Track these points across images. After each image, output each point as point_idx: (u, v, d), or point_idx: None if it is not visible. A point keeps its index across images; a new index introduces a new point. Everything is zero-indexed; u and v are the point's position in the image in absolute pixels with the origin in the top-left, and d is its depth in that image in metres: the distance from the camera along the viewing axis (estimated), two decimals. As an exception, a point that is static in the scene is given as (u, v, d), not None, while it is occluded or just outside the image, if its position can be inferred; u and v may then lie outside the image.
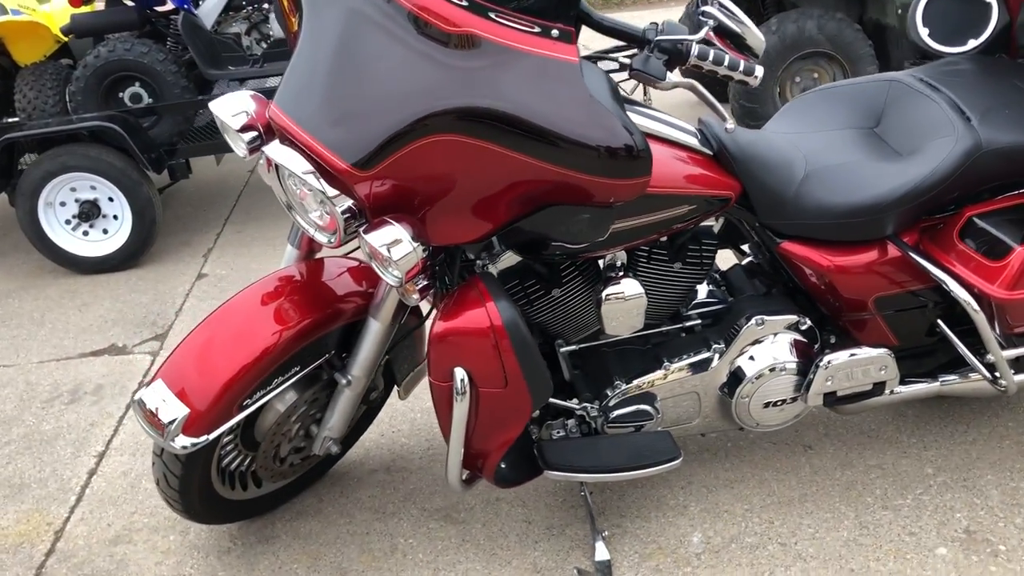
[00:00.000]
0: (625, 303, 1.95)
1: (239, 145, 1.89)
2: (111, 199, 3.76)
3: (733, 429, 2.20)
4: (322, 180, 1.62)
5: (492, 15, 1.58)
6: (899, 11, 3.93)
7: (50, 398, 2.96)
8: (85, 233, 3.81)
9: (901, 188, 1.94)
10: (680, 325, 2.15)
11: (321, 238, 1.76)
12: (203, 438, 1.84)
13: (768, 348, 2.07)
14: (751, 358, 2.07)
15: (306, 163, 1.63)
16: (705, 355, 2.08)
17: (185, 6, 3.90)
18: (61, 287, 3.76)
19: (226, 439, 2.03)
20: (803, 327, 2.10)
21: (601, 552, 2.08)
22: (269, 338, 1.88)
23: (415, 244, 1.62)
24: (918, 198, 1.94)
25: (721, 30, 1.62)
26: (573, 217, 1.71)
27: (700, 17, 1.64)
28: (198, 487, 2.02)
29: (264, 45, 4.10)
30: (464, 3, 1.59)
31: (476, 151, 1.60)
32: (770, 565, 2.04)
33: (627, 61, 1.68)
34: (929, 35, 2.26)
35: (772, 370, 2.06)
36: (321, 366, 2.03)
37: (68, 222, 3.78)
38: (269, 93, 1.85)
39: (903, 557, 2.03)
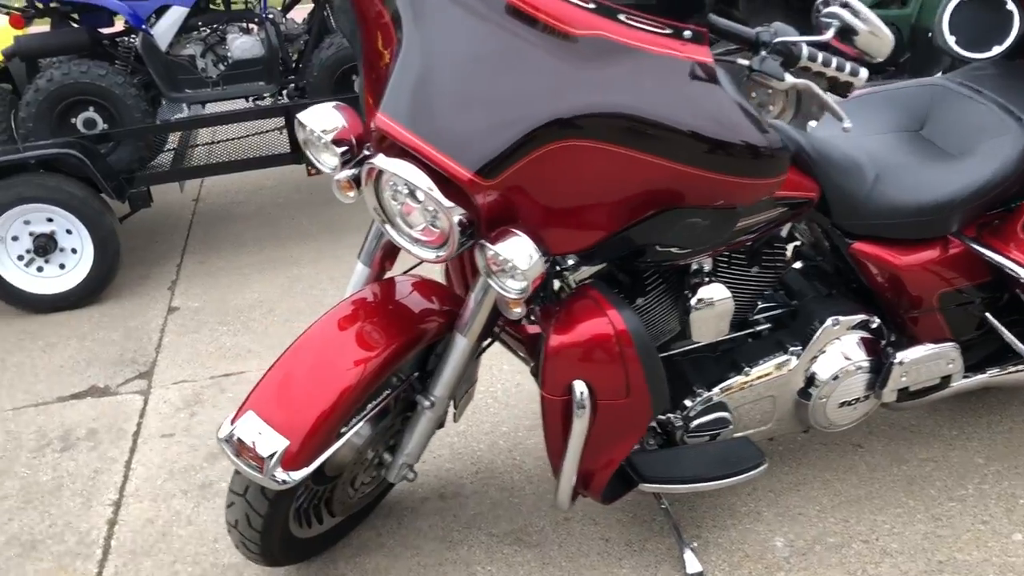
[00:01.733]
0: (714, 309, 1.94)
1: (328, 159, 1.79)
2: (69, 231, 3.51)
3: (799, 432, 2.21)
4: (438, 191, 1.55)
5: (621, 17, 1.55)
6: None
7: (39, 446, 2.72)
8: (40, 269, 3.54)
9: (970, 186, 2.00)
10: (750, 330, 2.15)
11: (424, 253, 1.67)
12: (304, 471, 1.72)
13: (843, 348, 2.10)
14: (827, 359, 2.09)
15: (422, 174, 1.55)
16: (783, 358, 2.08)
17: (143, 27, 3.70)
18: (17, 328, 3.47)
19: (307, 472, 1.90)
20: (872, 325, 2.13)
21: (693, 564, 2.05)
22: (362, 364, 1.77)
23: (539, 254, 1.56)
24: (985, 195, 2.02)
25: (843, 31, 1.64)
26: (691, 221, 1.69)
27: (823, 18, 1.65)
28: (280, 527, 1.88)
29: (222, 67, 3.93)
30: (591, 5, 1.55)
31: (605, 155, 1.56)
32: (860, 563, 2.05)
33: (745, 62, 1.68)
34: (956, 42, 2.36)
35: (849, 370, 2.08)
36: (404, 389, 1.94)
37: (20, 257, 3.51)
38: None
39: (984, 545, 2.08)
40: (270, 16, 3.94)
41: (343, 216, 4.26)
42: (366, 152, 1.80)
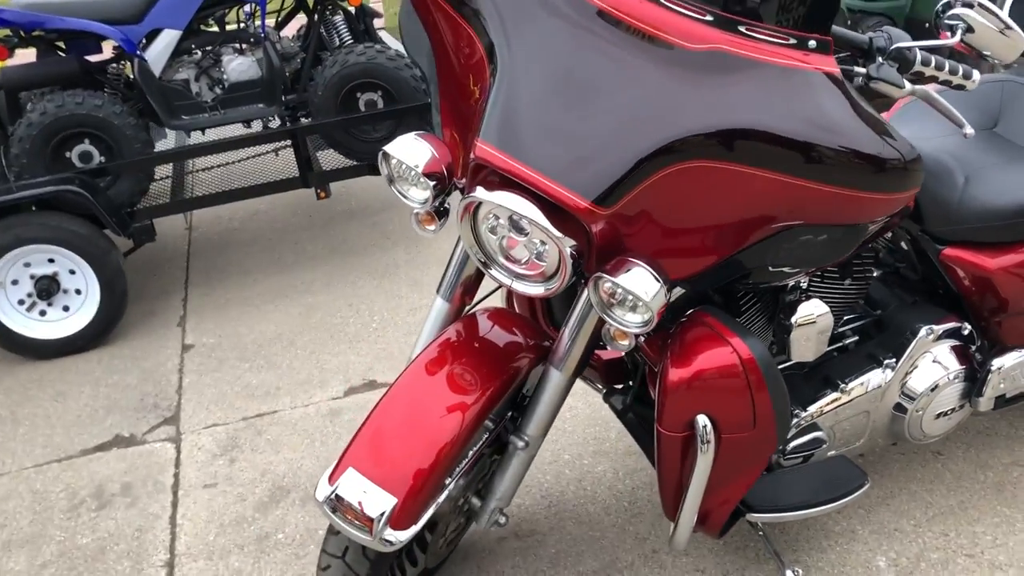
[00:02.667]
0: (816, 326, 1.85)
1: (417, 194, 1.67)
2: (72, 271, 3.32)
3: (889, 445, 2.14)
4: (548, 223, 1.44)
5: (741, 28, 1.46)
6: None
7: (71, 506, 2.55)
8: (42, 313, 3.35)
9: (1066, 185, 1.95)
10: (838, 344, 2.07)
11: (529, 289, 1.57)
12: (412, 530, 1.60)
13: (937, 357, 2.03)
14: (923, 370, 2.02)
15: (531, 205, 1.45)
16: (877, 372, 2.01)
17: (136, 52, 3.53)
18: (23, 377, 3.28)
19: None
20: (964, 332, 2.07)
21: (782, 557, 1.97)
22: (462, 410, 1.65)
23: (661, 284, 1.46)
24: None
25: (968, 32, 1.57)
26: (812, 238, 1.60)
27: (947, 20, 1.58)
28: (382, 587, 1.76)
29: (218, 91, 3.76)
30: (709, 18, 1.46)
31: (729, 176, 1.47)
32: (970, 579, 1.99)
33: (861, 70, 1.59)
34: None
35: (945, 380, 2.01)
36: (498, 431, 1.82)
37: (22, 302, 3.31)
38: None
39: (1088, 551, 2.03)
40: (265, 35, 3.79)
41: (349, 238, 4.13)
42: (456, 184, 1.70)
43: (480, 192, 1.50)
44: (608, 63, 1.47)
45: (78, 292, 3.36)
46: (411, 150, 1.64)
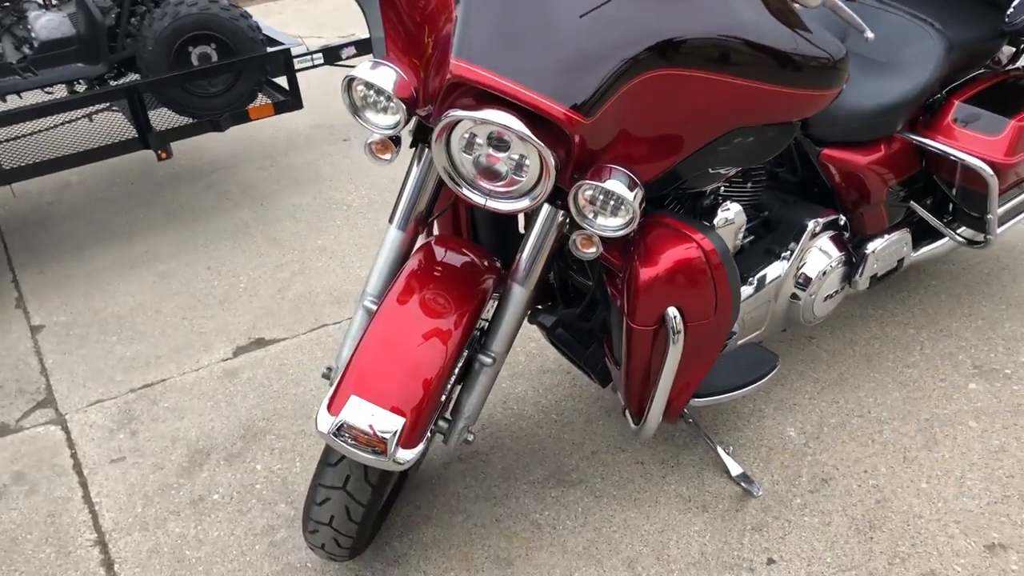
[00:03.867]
0: (734, 225, 2.05)
1: (384, 120, 1.68)
2: None
3: (780, 332, 2.41)
4: (530, 133, 1.52)
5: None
6: None
7: (-40, 504, 2.34)
8: None
9: (913, 88, 2.26)
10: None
11: (507, 205, 1.63)
12: (420, 447, 1.65)
13: (822, 247, 2.30)
14: (813, 259, 2.28)
15: (512, 116, 1.52)
16: (776, 264, 2.25)
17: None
18: None
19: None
20: (840, 223, 2.36)
21: (734, 466, 2.19)
22: (447, 333, 1.70)
23: (639, 186, 1.59)
24: (923, 95, 2.28)
25: None
26: (755, 138, 1.78)
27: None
28: (376, 513, 1.79)
29: (26, 51, 3.44)
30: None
31: (690, 82, 1.61)
32: (866, 434, 2.30)
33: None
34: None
35: (832, 266, 2.29)
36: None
37: None
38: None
39: (951, 398, 2.40)
40: (76, -13, 3.49)
41: (185, 203, 3.94)
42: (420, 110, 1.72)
43: (460, 112, 1.54)
44: None
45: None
46: (379, 75, 1.65)
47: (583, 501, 2.15)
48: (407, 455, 1.61)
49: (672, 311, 1.76)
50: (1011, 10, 2.36)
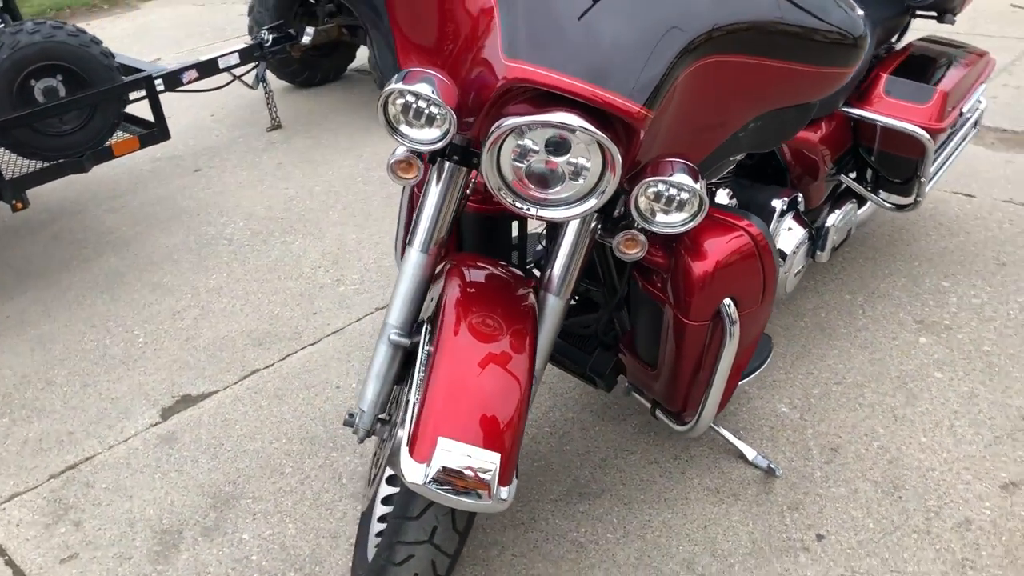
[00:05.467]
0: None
1: (430, 132, 1.53)
2: None
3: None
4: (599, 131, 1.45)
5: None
6: None
7: None
8: None
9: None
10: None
11: (564, 213, 1.54)
12: (515, 482, 1.52)
13: (790, 225, 2.37)
14: (785, 238, 2.34)
15: (577, 117, 1.44)
16: (756, 246, 2.29)
17: None
18: None
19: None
20: (799, 201, 2.43)
21: (748, 450, 2.21)
22: (517, 359, 1.59)
23: (700, 175, 1.56)
24: (862, 72, 2.40)
25: None
26: (782, 119, 1.79)
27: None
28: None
29: None
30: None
31: (733, 68, 1.59)
32: (850, 398, 2.39)
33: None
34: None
35: (802, 242, 2.36)
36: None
37: None
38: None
39: (909, 354, 2.54)
40: None
41: (34, 258, 3.50)
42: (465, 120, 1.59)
43: (531, 116, 1.43)
44: None
45: None
46: (420, 86, 1.50)
47: (615, 511, 2.09)
48: (507, 493, 1.48)
49: (728, 302, 1.74)
50: (912, -13, 2.54)
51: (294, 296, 3.12)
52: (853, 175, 2.67)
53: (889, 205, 2.68)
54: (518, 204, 1.54)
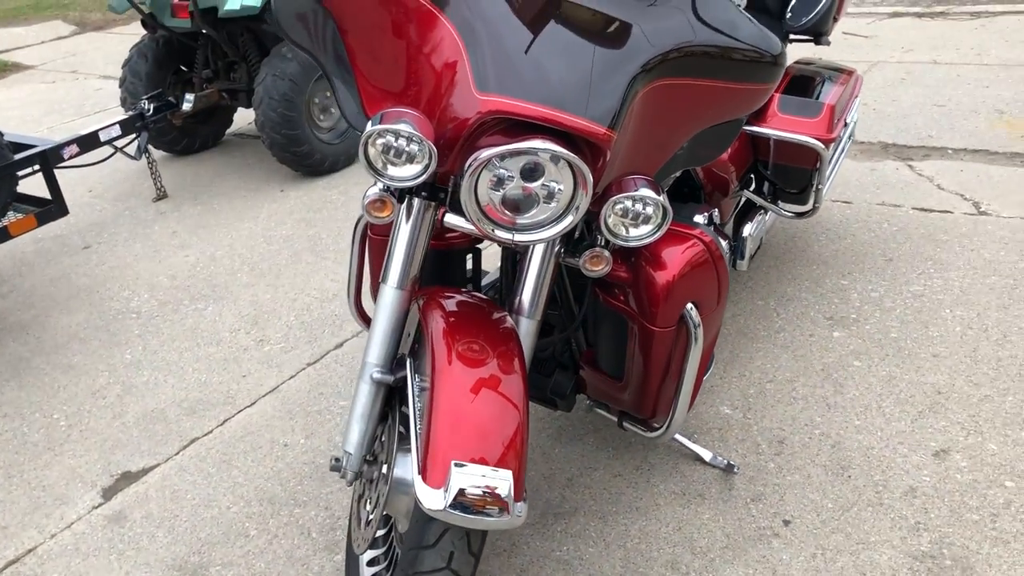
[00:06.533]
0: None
1: (406, 171, 1.58)
2: None
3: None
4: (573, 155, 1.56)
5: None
6: None
7: None
8: None
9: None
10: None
11: (533, 237, 1.62)
12: (525, 498, 1.57)
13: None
14: (708, 250, 2.50)
15: (551, 143, 1.54)
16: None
17: None
18: None
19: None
20: (716, 216, 2.60)
21: (704, 452, 2.32)
22: (512, 378, 1.64)
23: (662, 189, 1.69)
24: (758, 91, 2.60)
25: None
26: (714, 135, 1.93)
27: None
28: None
29: None
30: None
31: (677, 89, 1.73)
32: (784, 394, 2.55)
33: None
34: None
35: (725, 254, 2.52)
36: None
37: None
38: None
39: (827, 348, 2.74)
40: None
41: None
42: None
43: (491, 150, 1.50)
44: (581, 7, 1.61)
45: None
46: (402, 124, 1.55)
47: (591, 525, 2.15)
48: (522, 508, 1.53)
49: (690, 307, 1.85)
50: (788, 15, 2.77)
51: (219, 361, 3.05)
52: (752, 189, 2.87)
53: (789, 214, 2.89)
54: (498, 232, 1.60)
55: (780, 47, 1.90)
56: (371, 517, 1.79)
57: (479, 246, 2.17)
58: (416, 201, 1.73)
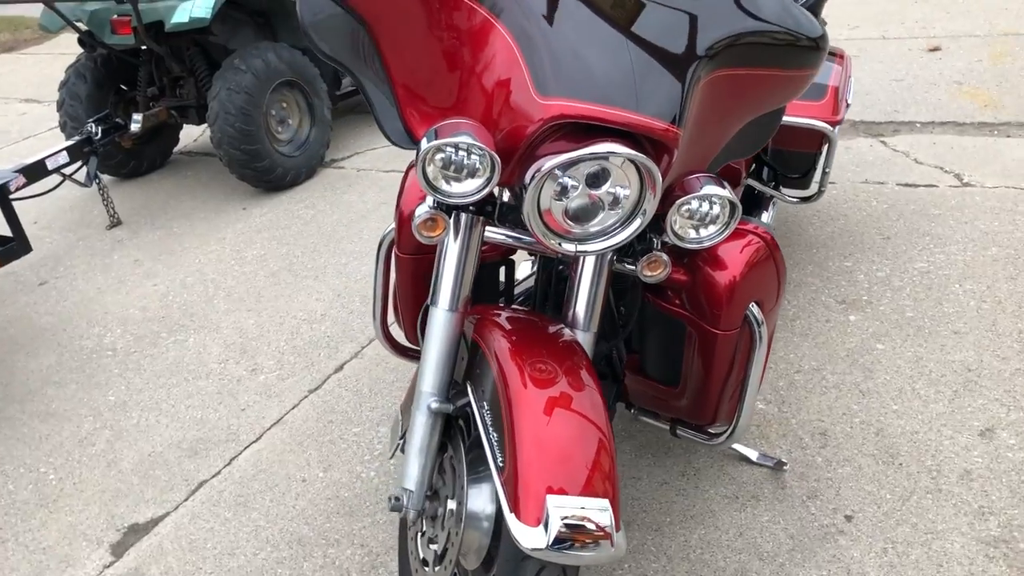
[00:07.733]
0: None
1: (472, 183, 1.47)
2: None
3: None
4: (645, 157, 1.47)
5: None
6: None
7: None
8: None
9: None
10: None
11: (595, 247, 1.53)
12: (621, 523, 1.48)
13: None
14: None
15: (621, 146, 1.45)
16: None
17: None
18: None
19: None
20: (733, 207, 2.54)
21: (750, 452, 2.26)
22: (590, 398, 1.54)
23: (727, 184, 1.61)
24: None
25: None
26: (761, 124, 1.85)
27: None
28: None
29: None
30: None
31: (730, 79, 1.65)
32: (815, 384, 2.50)
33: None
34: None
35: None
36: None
37: None
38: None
39: (847, 333, 2.71)
40: None
41: None
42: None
43: (555, 159, 1.41)
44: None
45: None
46: (462, 136, 1.44)
47: (649, 539, 2.07)
48: (623, 537, 1.43)
49: (754, 307, 1.78)
50: None
51: (212, 395, 2.88)
52: (751, 176, 2.81)
53: (794, 200, 2.84)
54: (565, 245, 1.51)
55: (820, 30, 1.83)
56: (449, 558, 1.66)
57: (512, 257, 2.07)
58: (464, 216, 1.62)
